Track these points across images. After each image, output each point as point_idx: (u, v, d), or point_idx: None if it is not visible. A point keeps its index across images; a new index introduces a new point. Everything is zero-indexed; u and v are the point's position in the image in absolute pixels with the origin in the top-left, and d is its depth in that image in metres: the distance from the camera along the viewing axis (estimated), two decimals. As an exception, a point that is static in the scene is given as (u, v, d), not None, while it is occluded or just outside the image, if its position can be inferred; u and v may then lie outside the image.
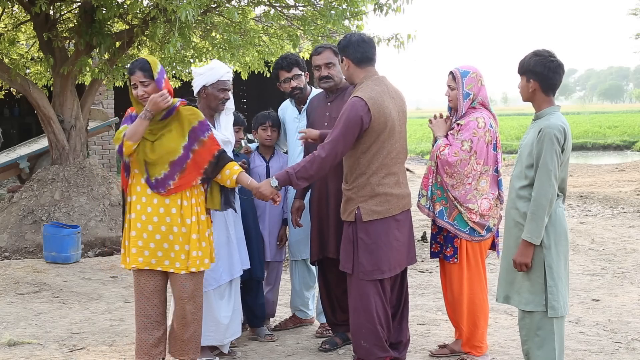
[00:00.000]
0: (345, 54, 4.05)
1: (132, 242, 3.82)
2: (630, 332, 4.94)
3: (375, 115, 3.91)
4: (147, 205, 3.82)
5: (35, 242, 7.90)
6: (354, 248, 4.02)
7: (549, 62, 3.53)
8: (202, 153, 3.88)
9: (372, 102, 3.91)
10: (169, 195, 3.83)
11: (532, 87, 3.59)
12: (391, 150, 4.01)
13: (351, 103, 3.93)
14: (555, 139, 3.45)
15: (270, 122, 4.90)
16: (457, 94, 4.21)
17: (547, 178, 3.45)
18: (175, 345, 4.00)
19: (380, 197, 3.99)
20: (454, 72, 4.24)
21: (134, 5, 7.58)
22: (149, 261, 3.83)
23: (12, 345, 4.73)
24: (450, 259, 4.24)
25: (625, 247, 8.06)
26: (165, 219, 3.82)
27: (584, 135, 33.06)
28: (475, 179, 4.15)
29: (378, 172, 3.98)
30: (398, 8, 8.03)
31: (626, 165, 17.81)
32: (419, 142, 31.95)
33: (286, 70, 4.81)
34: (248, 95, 20.24)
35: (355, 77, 4.07)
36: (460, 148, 4.11)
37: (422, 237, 8.42)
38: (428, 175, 4.27)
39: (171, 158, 3.82)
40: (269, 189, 3.99)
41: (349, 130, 3.89)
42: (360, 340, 4.03)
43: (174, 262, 3.84)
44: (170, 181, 3.82)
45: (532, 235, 3.48)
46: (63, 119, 8.79)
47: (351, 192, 4.03)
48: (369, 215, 3.98)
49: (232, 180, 3.96)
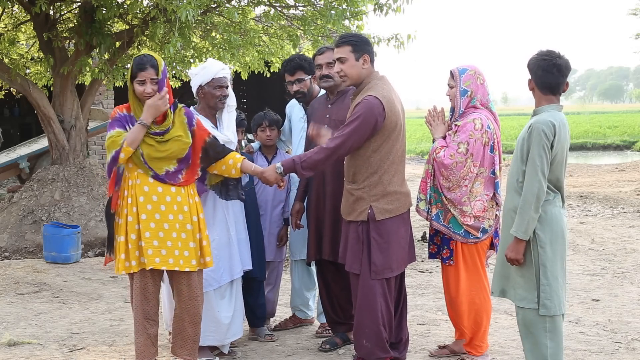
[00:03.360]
0: (366, 52, 4.07)
1: (147, 243, 3.75)
2: (630, 332, 4.95)
3: (389, 114, 3.95)
4: (160, 203, 3.80)
5: (35, 242, 7.90)
6: (364, 248, 4.01)
7: (542, 61, 3.57)
8: (195, 144, 3.91)
9: (386, 101, 3.95)
10: (182, 186, 3.84)
11: (531, 86, 3.65)
12: (398, 149, 4.06)
13: (367, 102, 3.94)
14: (543, 134, 3.46)
15: (267, 122, 4.91)
16: (455, 91, 4.21)
17: (534, 173, 3.47)
18: (186, 345, 3.96)
19: (391, 195, 4.02)
20: (452, 70, 4.27)
21: (134, 5, 7.58)
22: (166, 260, 3.78)
23: (12, 345, 4.73)
24: (447, 260, 4.25)
25: (625, 247, 8.06)
26: (178, 217, 3.82)
27: (584, 135, 33.05)
28: (472, 182, 4.15)
29: (389, 171, 4.01)
30: (398, 8, 8.03)
31: (626, 165, 17.81)
32: (419, 142, 31.94)
33: (289, 74, 4.83)
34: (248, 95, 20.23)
35: (365, 74, 4.08)
36: (457, 150, 4.11)
37: (422, 237, 8.42)
38: (426, 179, 4.27)
39: (180, 155, 3.85)
40: (274, 175, 4.03)
41: (362, 127, 3.91)
42: (363, 339, 4.03)
43: (190, 259, 3.84)
44: (180, 175, 3.85)
45: (518, 230, 3.51)
46: (63, 119, 8.79)
47: (362, 192, 4.03)
48: (382, 214, 3.99)
49: (237, 169, 4.00)
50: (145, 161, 3.78)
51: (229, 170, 4.03)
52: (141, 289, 3.83)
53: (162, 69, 3.80)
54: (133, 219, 3.78)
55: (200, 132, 3.95)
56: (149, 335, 3.89)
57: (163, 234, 3.79)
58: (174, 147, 3.82)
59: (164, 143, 3.81)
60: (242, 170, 4.03)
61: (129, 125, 3.80)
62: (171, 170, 3.83)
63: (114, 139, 3.73)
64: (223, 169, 4.03)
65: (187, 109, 3.99)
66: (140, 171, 3.81)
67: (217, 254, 4.24)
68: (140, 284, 3.83)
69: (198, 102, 4.42)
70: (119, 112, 3.84)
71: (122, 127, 3.78)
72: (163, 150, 3.79)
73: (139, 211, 3.77)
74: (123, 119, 3.81)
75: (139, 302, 3.86)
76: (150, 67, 3.76)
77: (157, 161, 3.80)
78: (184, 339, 3.97)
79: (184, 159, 3.86)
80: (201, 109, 4.38)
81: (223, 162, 4.02)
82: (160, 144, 3.80)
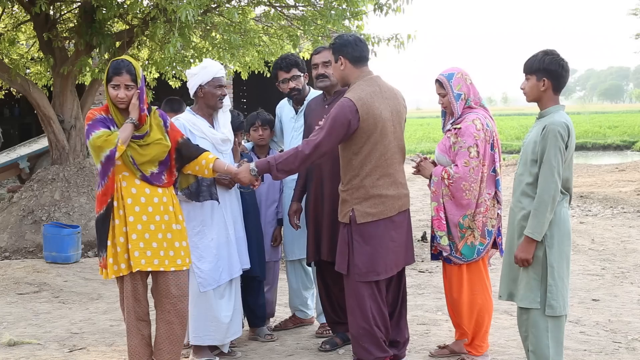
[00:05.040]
0: (342, 53, 4.03)
1: (134, 245, 3.72)
2: (630, 332, 4.94)
3: (364, 117, 3.89)
4: (148, 205, 3.78)
5: (35, 242, 7.90)
6: (349, 249, 4.01)
7: (562, 60, 3.56)
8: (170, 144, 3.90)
9: (361, 103, 3.89)
10: (166, 187, 3.83)
11: (545, 86, 3.57)
12: (385, 152, 3.98)
13: (339, 104, 3.93)
14: (559, 136, 3.46)
15: (259, 122, 4.90)
16: (449, 98, 4.20)
17: (550, 174, 3.46)
18: (174, 349, 3.89)
19: (374, 199, 3.97)
20: (439, 79, 4.22)
21: (134, 5, 7.58)
22: (151, 262, 3.76)
23: (12, 345, 4.73)
24: (451, 261, 4.23)
25: (625, 247, 8.06)
26: (164, 217, 3.80)
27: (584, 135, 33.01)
28: (483, 182, 4.14)
29: (372, 174, 3.96)
30: (398, 8, 8.03)
31: (626, 165, 17.80)
32: (419, 142, 31.95)
33: (285, 71, 4.82)
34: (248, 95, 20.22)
35: (349, 77, 4.05)
36: (469, 156, 4.08)
37: (422, 237, 8.42)
38: (438, 216, 4.16)
39: (160, 158, 3.83)
40: (248, 176, 4.02)
41: (334, 130, 3.88)
42: (359, 340, 4.03)
43: (175, 259, 3.81)
44: (162, 176, 3.84)
45: (534, 231, 3.49)
46: (63, 119, 8.79)
47: (346, 194, 4.03)
48: (363, 218, 3.96)
49: (210, 169, 3.96)
50: (134, 162, 3.74)
51: (202, 170, 3.98)
52: (132, 291, 3.78)
53: (140, 77, 3.74)
54: (120, 222, 3.72)
55: (174, 133, 3.93)
56: (143, 335, 3.85)
57: (149, 235, 3.75)
58: (154, 150, 3.78)
59: (145, 147, 3.77)
60: (215, 169, 3.96)
61: (113, 126, 3.73)
62: (155, 172, 3.81)
63: (106, 137, 3.62)
64: (196, 169, 3.99)
65: (160, 110, 3.95)
66: (125, 173, 3.76)
67: (215, 253, 4.24)
68: (131, 286, 3.78)
69: (195, 102, 4.42)
70: (97, 114, 3.74)
71: (106, 128, 3.69)
72: (145, 154, 3.76)
73: (127, 213, 3.72)
74: (105, 120, 3.73)
75: (130, 305, 3.79)
76: (127, 72, 3.69)
77: (141, 164, 3.77)
78: (172, 342, 3.87)
79: (163, 161, 3.84)
80: (198, 109, 4.38)
81: (196, 163, 3.97)
82: (141, 148, 3.76)
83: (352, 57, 4.02)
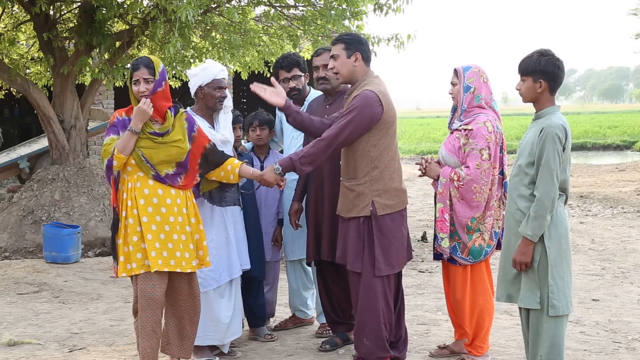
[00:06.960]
0: (358, 50, 4.09)
1: (150, 245, 3.73)
2: (630, 332, 4.94)
3: (386, 109, 3.98)
4: (161, 205, 3.80)
5: (35, 242, 7.90)
6: (365, 245, 4.01)
7: (558, 61, 3.55)
8: (194, 150, 3.92)
9: (383, 96, 3.99)
10: (181, 189, 3.86)
11: (541, 88, 3.55)
12: (395, 146, 4.10)
13: (363, 95, 3.96)
14: (557, 138, 3.45)
15: (257, 122, 4.90)
16: (458, 87, 4.21)
17: (549, 177, 3.46)
18: (184, 345, 3.97)
19: (392, 191, 4.05)
20: (456, 68, 4.27)
21: (134, 5, 7.58)
22: (168, 262, 3.76)
23: (12, 345, 4.73)
24: (456, 262, 4.22)
25: (625, 247, 8.06)
26: (178, 219, 3.82)
27: (584, 135, 33.02)
28: (494, 184, 4.15)
29: (389, 166, 4.04)
30: (398, 8, 8.03)
31: (626, 165, 17.82)
32: (419, 142, 31.95)
33: (286, 70, 4.82)
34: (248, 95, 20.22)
35: (359, 74, 4.10)
36: (481, 158, 4.08)
37: (422, 237, 8.41)
38: (442, 218, 4.17)
39: (178, 159, 3.86)
40: (273, 176, 4.05)
41: (359, 118, 3.93)
42: (363, 338, 4.04)
43: (191, 260, 3.84)
44: (179, 178, 3.87)
45: (534, 233, 3.49)
46: (63, 119, 8.79)
47: (363, 187, 4.03)
48: (384, 210, 4.00)
49: (235, 174, 4.03)
50: (147, 160, 3.78)
51: (228, 176, 4.05)
52: (148, 292, 3.76)
53: (159, 70, 3.81)
54: (134, 221, 3.76)
55: (201, 138, 3.96)
56: (158, 338, 3.84)
57: (164, 235, 3.78)
58: (170, 151, 3.82)
59: (162, 145, 3.80)
60: (241, 174, 4.05)
61: (124, 131, 3.81)
62: (170, 173, 3.84)
63: (106, 147, 3.78)
64: (222, 175, 4.05)
65: (189, 114, 3.99)
66: (140, 174, 3.80)
67: (215, 253, 4.24)
68: (145, 288, 3.76)
69: (195, 102, 4.42)
70: (117, 117, 3.86)
71: (116, 134, 3.81)
72: (160, 153, 3.80)
73: (140, 214, 3.76)
74: (119, 124, 3.83)
75: (145, 308, 3.76)
76: (144, 67, 3.78)
77: (157, 163, 3.80)
78: (183, 338, 3.97)
79: (182, 163, 3.86)
80: (198, 109, 4.38)
81: (222, 169, 4.04)
82: (158, 145, 3.80)
83: (366, 56, 4.13)
